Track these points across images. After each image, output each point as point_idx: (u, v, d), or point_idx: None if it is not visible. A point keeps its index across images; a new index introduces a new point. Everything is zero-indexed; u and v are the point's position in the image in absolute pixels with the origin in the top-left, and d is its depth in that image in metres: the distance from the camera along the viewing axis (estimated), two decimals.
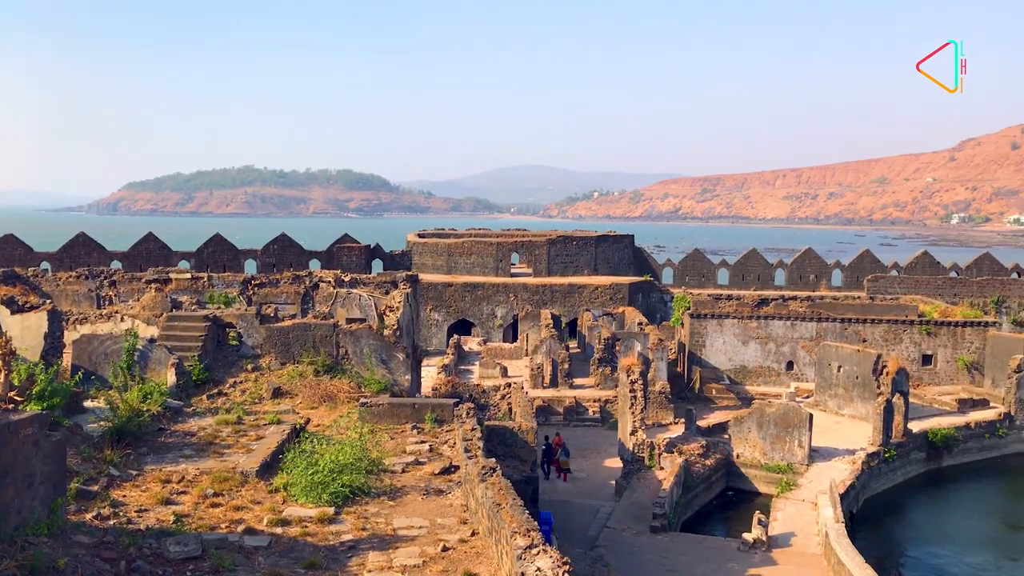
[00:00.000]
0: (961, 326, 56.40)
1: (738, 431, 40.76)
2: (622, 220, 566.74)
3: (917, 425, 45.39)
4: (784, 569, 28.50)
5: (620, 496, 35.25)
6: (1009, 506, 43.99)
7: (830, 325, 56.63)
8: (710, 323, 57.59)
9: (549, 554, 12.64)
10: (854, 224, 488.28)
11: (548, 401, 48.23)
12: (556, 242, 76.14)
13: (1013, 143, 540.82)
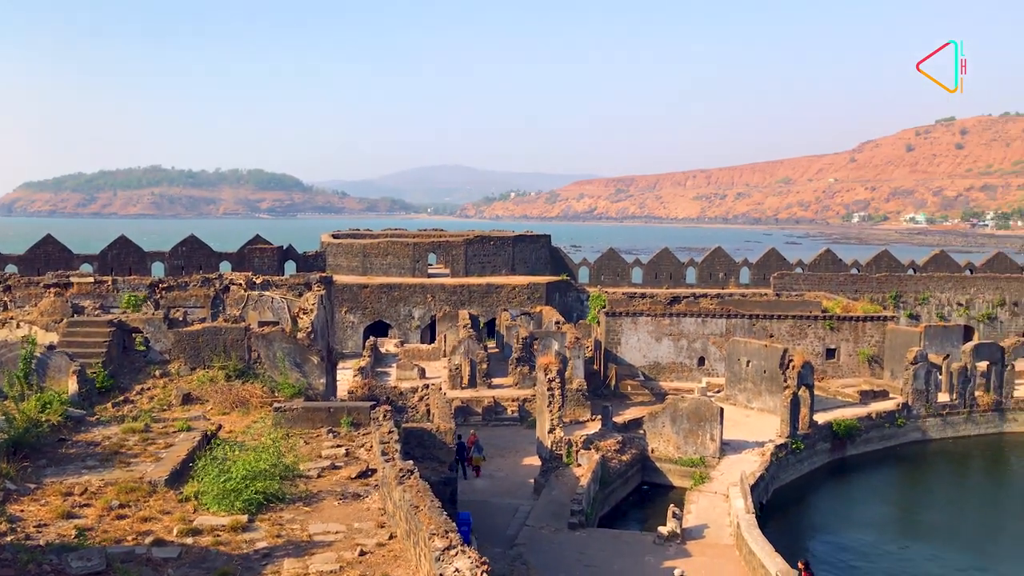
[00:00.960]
0: (862, 321, 58.85)
1: (652, 426, 41.57)
2: (539, 220, 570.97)
3: (822, 417, 47.14)
4: (698, 561, 29.20)
5: (539, 494, 35.50)
6: (908, 492, 46.14)
7: (739, 321, 58.32)
8: (625, 321, 58.57)
9: (468, 555, 12.64)
10: (761, 223, 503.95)
11: (467, 401, 48.21)
12: (473, 242, 76.18)
13: (908, 145, 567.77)
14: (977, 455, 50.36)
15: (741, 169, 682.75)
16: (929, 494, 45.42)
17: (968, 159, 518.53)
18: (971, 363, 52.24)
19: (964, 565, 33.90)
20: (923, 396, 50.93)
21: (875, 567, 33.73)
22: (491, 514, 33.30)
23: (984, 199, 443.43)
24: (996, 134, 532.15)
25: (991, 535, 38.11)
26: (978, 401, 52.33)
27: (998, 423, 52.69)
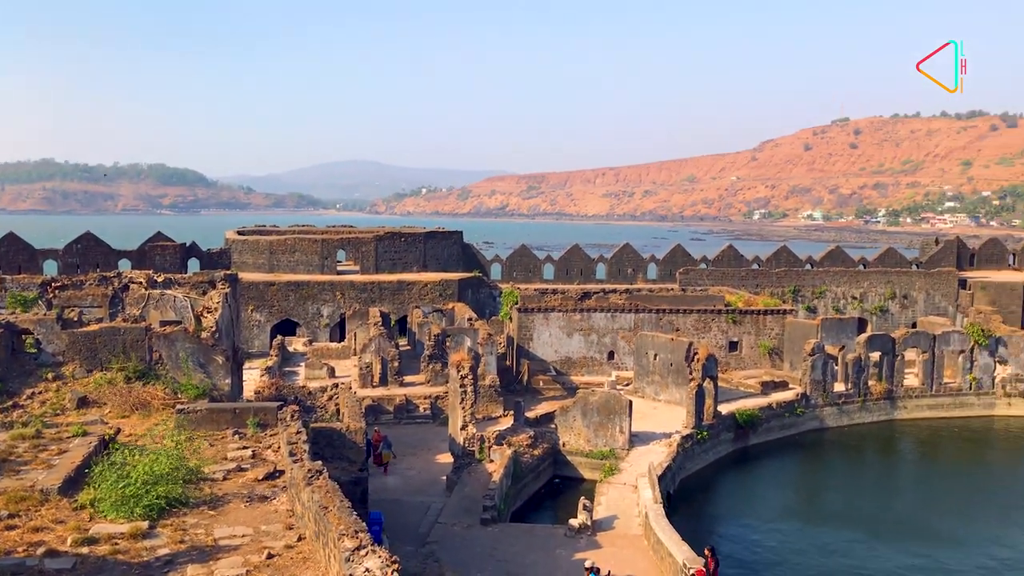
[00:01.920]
0: (763, 314, 60.92)
1: (564, 420, 42.06)
2: (450, 216, 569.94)
3: (726, 407, 48.61)
4: (608, 551, 29.71)
5: (451, 491, 35.48)
6: (807, 478, 48.06)
7: (647, 316, 59.56)
8: (537, 317, 59.06)
9: (378, 554, 12.54)
10: (667, 220, 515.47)
11: (378, 400, 47.76)
12: (384, 239, 75.44)
13: (806, 144, 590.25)
14: (871, 441, 52.81)
15: (648, 167, 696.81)
16: (827, 479, 47.40)
17: (861, 158, 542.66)
18: (865, 354, 54.73)
19: (860, 545, 35.52)
20: (820, 386, 53.09)
21: (777, 550, 35.00)
22: (403, 512, 33.11)
23: (876, 197, 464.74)
24: (887, 135, 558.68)
25: (883, 516, 40.04)
26: (871, 390, 54.88)
27: (890, 410, 55.39)
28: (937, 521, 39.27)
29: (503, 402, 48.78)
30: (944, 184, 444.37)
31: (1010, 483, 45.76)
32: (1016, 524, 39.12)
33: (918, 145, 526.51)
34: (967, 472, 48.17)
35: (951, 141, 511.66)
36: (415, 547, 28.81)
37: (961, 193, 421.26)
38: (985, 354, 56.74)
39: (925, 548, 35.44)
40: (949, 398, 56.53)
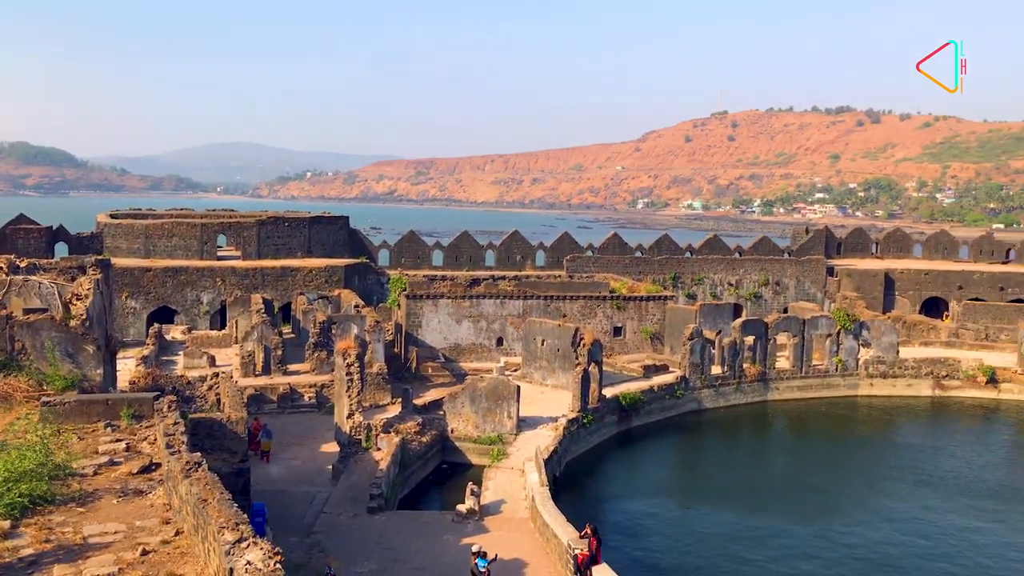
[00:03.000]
0: (645, 300, 62.66)
1: (452, 407, 42.15)
2: (337, 201, 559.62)
3: (610, 391, 49.84)
4: (495, 535, 30.02)
5: (337, 480, 35.01)
6: (686, 457, 49.87)
7: (535, 302, 60.28)
8: (426, 303, 58.82)
9: (260, 546, 12.25)
10: (555, 208, 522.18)
11: (261, 389, 46.56)
12: (267, 223, 73.33)
13: (686, 136, 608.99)
14: (746, 421, 55.28)
15: (537, 155, 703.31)
16: (705, 458, 49.35)
17: (738, 150, 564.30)
18: (740, 338, 57.15)
19: (736, 521, 37.18)
20: (699, 369, 55.12)
21: (659, 527, 36.26)
22: (288, 503, 32.47)
23: (752, 188, 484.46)
24: (762, 128, 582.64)
25: (758, 491, 42.06)
26: (746, 372, 57.38)
27: (763, 392, 58.10)
28: (807, 494, 41.54)
29: (391, 390, 48.39)
30: (814, 176, 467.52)
31: (873, 457, 48.85)
32: (881, 492, 41.88)
33: (791, 138, 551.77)
34: (834, 448, 51.12)
35: (821, 135, 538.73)
36: (300, 538, 28.33)
37: (830, 185, 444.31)
38: (850, 338, 60.20)
39: (796, 519, 37.46)
40: (817, 379, 59.74)
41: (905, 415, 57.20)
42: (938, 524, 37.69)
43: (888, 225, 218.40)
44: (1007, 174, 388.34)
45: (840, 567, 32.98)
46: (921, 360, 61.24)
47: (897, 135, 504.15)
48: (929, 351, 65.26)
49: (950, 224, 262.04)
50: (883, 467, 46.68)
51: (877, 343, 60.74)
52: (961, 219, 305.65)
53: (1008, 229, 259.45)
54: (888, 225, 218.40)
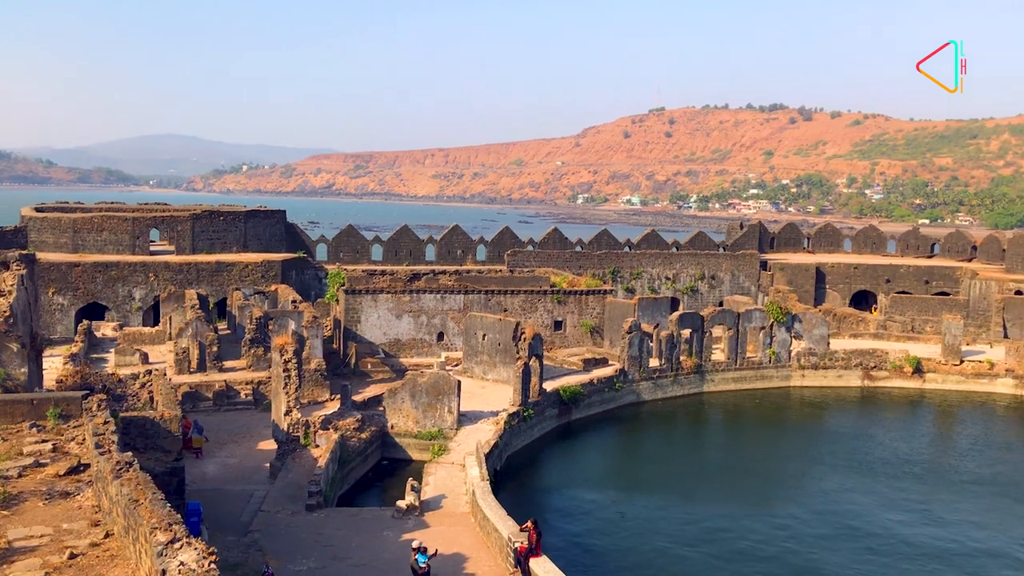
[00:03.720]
0: (585, 295, 63.17)
1: (392, 403, 41.90)
2: (274, 195, 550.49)
3: (551, 384, 50.13)
4: (436, 530, 29.98)
5: (275, 478, 34.52)
6: (625, 449, 50.49)
7: (476, 297, 60.27)
8: (365, 298, 58.31)
9: (194, 547, 12.02)
10: (496, 203, 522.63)
11: (196, 387, 45.60)
12: (201, 217, 71.76)
13: (625, 132, 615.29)
14: (682, 412, 56.20)
15: (477, 149, 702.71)
16: (643, 449, 50.05)
17: (676, 147, 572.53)
18: (677, 331, 58.05)
19: (674, 509, 37.81)
20: (637, 362, 55.83)
21: (598, 517, 36.66)
22: (225, 502, 31.90)
23: (688, 183, 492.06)
24: (698, 124, 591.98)
25: (695, 481, 42.85)
26: (683, 365, 58.32)
27: (699, 383, 59.14)
28: (743, 481, 42.47)
29: (330, 386, 47.94)
30: (749, 172, 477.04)
31: (805, 445, 50.19)
32: (812, 478, 43.09)
33: (726, 135, 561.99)
34: (768, 438, 52.36)
35: (755, 132, 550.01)
36: (237, 537, 27.85)
37: (764, 181, 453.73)
38: (783, 330, 61.65)
39: (732, 505, 38.28)
40: (751, 371, 61.07)
41: (835, 405, 58.84)
42: (866, 506, 38.92)
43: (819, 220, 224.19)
44: (932, 171, 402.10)
45: (773, 546, 33.88)
46: (851, 352, 63.06)
47: (828, 133, 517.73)
48: (858, 343, 67.23)
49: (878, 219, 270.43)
50: (815, 455, 48.00)
51: (809, 335, 62.33)
52: (889, 215, 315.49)
53: (933, 224, 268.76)
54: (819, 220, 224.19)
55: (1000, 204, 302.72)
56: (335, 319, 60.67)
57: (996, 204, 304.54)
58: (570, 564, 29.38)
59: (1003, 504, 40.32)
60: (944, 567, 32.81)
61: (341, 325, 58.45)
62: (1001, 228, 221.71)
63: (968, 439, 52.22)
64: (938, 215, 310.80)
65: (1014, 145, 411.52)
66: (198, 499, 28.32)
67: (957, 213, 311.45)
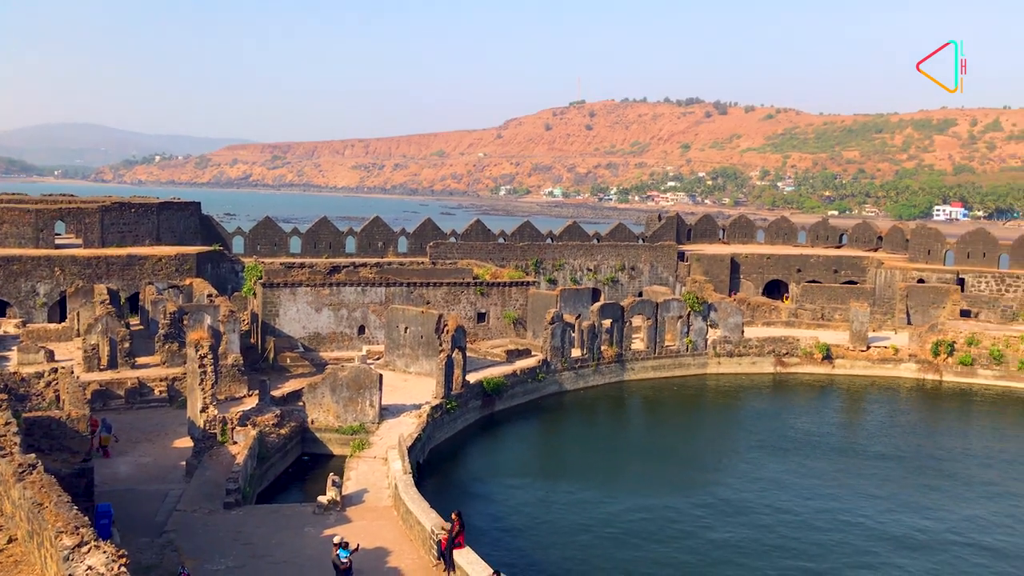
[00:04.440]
0: (508, 286, 63.41)
1: (312, 397, 41.32)
2: (188, 186, 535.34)
3: (474, 376, 50.21)
4: (358, 525, 29.74)
5: (191, 476, 33.67)
6: (549, 438, 50.98)
7: (398, 289, 59.83)
8: (283, 292, 57.27)
9: (103, 550, 11.63)
10: (418, 194, 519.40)
11: (106, 384, 44.06)
12: (111, 209, 69.13)
13: (547, 124, 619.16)
14: (603, 401, 57.03)
15: (398, 140, 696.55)
16: (566, 439, 50.60)
17: (596, 139, 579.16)
18: (598, 321, 58.84)
19: (596, 496, 38.38)
20: (559, 352, 56.39)
21: (522, 506, 36.95)
22: (138, 502, 30.98)
23: (609, 176, 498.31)
24: (618, 118, 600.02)
25: (616, 468, 43.60)
26: (604, 354, 59.17)
27: (620, 372, 60.11)
28: (661, 467, 43.46)
29: (247, 381, 46.99)
30: (667, 165, 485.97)
31: (722, 430, 51.64)
32: (729, 461, 44.44)
33: (645, 129, 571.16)
34: (686, 424, 53.67)
35: (672, 125, 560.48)
36: (151, 538, 27.06)
37: (680, 174, 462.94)
38: (699, 319, 63.14)
39: (652, 490, 39.15)
40: (670, 359, 62.38)
41: (750, 391, 60.63)
42: (780, 484, 40.33)
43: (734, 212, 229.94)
44: (840, 164, 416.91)
45: (692, 525, 34.94)
46: (764, 339, 65.02)
47: (742, 126, 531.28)
48: (771, 331, 69.35)
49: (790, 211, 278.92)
50: (731, 438, 49.47)
51: (724, 324, 63.99)
52: (800, 206, 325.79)
53: (841, 215, 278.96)
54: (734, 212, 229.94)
55: (904, 196, 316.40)
56: (253, 313, 59.40)
57: (900, 196, 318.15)
58: (494, 554, 29.55)
59: (903, 478, 42.49)
60: (850, 535, 34.34)
61: (259, 319, 57.27)
62: (904, 219, 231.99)
63: (874, 421, 54.57)
64: (846, 207, 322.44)
65: (916, 139, 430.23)
66: (109, 500, 27.43)
67: (864, 205, 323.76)
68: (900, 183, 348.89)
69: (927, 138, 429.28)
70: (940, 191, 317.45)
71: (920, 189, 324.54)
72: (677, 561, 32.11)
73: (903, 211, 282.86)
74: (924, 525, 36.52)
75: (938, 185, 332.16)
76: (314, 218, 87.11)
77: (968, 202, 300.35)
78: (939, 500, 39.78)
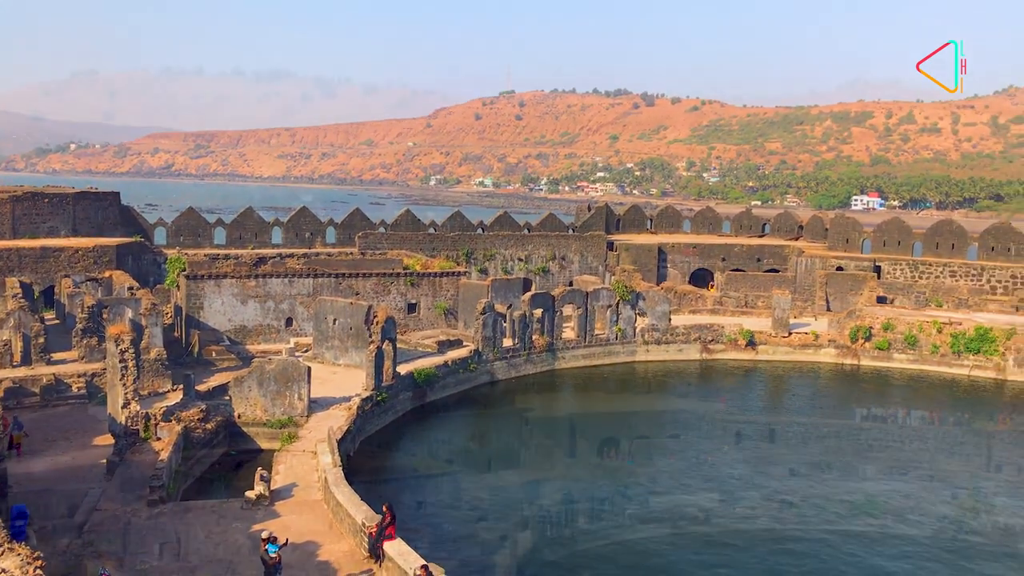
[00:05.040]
0: (439, 276, 63.21)
1: (239, 391, 40.54)
2: (107, 176, 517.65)
3: (405, 368, 49.94)
4: (287, 519, 29.35)
5: (112, 474, 32.69)
6: (480, 428, 51.10)
7: (326, 280, 59.07)
8: (208, 284, 55.96)
9: (17, 552, 11.23)
10: (346, 184, 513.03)
11: (19, 381, 42.44)
12: (23, 199, 66.37)
13: (476, 114, 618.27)
14: (535, 390, 57.40)
15: (326, 129, 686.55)
16: (498, 429, 50.83)
17: (526, 129, 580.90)
18: (529, 311, 59.15)
19: (525, 483, 38.75)
20: (491, 342, 56.51)
21: (453, 496, 37.01)
22: (56, 503, 29.96)
23: (539, 166, 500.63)
24: (547, 108, 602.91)
25: (547, 458, 44.02)
26: (535, 343, 59.54)
27: (551, 361, 60.59)
28: (591, 456, 44.08)
29: (171, 376, 45.88)
30: (596, 156, 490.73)
31: (649, 418, 52.59)
32: (657, 445, 45.33)
33: (574, 119, 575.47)
34: (615, 411, 54.47)
35: (601, 116, 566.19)
36: (70, 539, 26.22)
37: (609, 164, 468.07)
38: (628, 308, 64.06)
39: (578, 480, 39.65)
40: (600, 348, 63.15)
41: (677, 377, 61.86)
42: (709, 464, 41.37)
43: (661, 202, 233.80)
44: (763, 155, 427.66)
45: (623, 508, 35.65)
46: (690, 327, 66.35)
47: (669, 118, 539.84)
48: (697, 318, 70.76)
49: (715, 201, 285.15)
50: (659, 424, 50.48)
51: (652, 312, 65.07)
52: (724, 197, 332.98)
53: (764, 205, 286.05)
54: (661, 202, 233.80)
55: (823, 186, 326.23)
56: (176, 306, 57.91)
57: (820, 186, 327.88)
58: (425, 544, 29.55)
59: (824, 457, 44.03)
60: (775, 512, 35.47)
61: (183, 312, 55.87)
62: (824, 208, 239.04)
63: (796, 404, 56.37)
64: (768, 197, 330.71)
65: (835, 131, 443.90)
66: (25, 501, 26.47)
67: (786, 195, 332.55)
68: (820, 174, 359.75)
69: (845, 130, 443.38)
70: (858, 182, 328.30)
71: (839, 180, 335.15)
72: (608, 549, 32.63)
73: (823, 201, 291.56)
74: (841, 497, 37.96)
75: (856, 176, 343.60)
76: (239, 208, 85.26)
77: (884, 192, 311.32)
78: (851, 475, 41.57)
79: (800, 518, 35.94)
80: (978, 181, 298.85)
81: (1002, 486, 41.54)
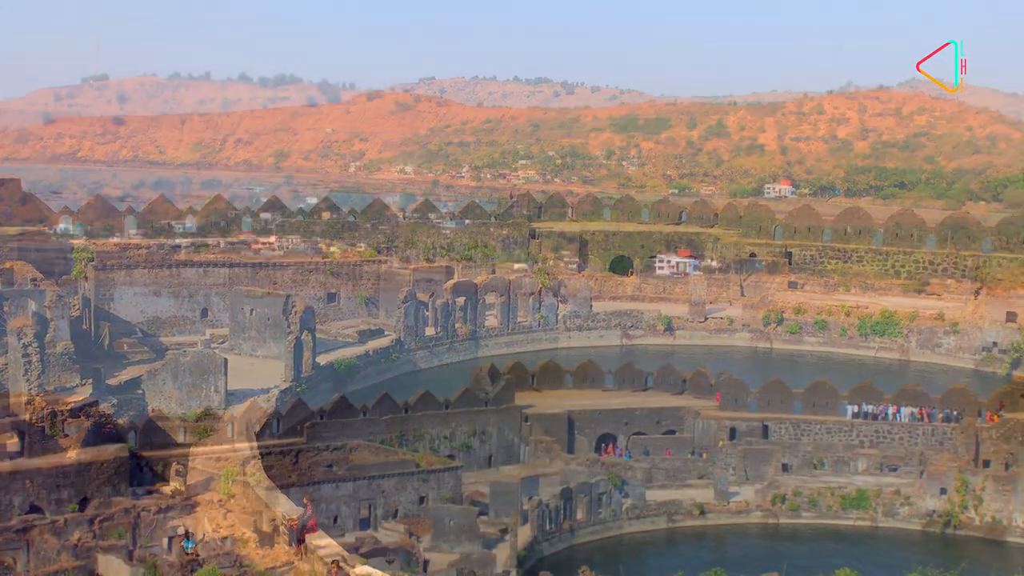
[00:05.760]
0: (359, 265, 62.60)
1: (152, 384, 39.52)
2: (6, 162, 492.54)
3: (325, 358, 49.41)
4: (204, 514, 28.72)
5: None
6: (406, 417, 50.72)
7: (243, 270, 57.83)
8: (118, 274, 54.25)
9: None
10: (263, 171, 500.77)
11: None
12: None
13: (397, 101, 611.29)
14: (458, 378, 57.32)
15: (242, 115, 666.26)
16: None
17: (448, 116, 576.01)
18: (451, 299, 59.14)
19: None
20: (413, 331, 56.33)
21: None
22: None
23: (460, 153, 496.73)
24: (469, 95, 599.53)
25: None
26: (458, 332, 59.58)
27: (474, 349, 60.78)
28: None
29: (80, 370, 44.24)
30: (517, 143, 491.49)
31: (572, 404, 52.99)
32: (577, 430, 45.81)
33: (495, 106, 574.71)
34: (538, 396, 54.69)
35: (522, 104, 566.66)
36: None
37: (531, 152, 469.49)
38: (550, 295, 64.66)
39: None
40: (523, 335, 63.64)
41: (598, 362, 62.48)
42: None
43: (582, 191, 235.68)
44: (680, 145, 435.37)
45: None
46: (611, 313, 67.46)
47: (588, 107, 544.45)
48: (617, 304, 71.98)
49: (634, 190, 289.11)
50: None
51: (573, 299, 65.88)
52: (642, 186, 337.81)
53: (681, 194, 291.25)
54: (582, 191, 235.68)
55: (737, 175, 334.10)
56: (84, 298, 55.82)
57: (734, 175, 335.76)
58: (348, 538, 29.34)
59: None
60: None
61: (92, 304, 53.93)
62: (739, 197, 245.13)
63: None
64: (686, 185, 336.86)
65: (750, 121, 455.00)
66: None
67: (702, 184, 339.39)
68: (734, 163, 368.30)
69: (759, 120, 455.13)
70: (770, 170, 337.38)
71: (752, 168, 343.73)
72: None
73: (737, 189, 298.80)
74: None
75: (769, 165, 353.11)
76: (151, 197, 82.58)
77: (796, 180, 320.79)
78: None
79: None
80: (883, 170, 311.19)
81: None
